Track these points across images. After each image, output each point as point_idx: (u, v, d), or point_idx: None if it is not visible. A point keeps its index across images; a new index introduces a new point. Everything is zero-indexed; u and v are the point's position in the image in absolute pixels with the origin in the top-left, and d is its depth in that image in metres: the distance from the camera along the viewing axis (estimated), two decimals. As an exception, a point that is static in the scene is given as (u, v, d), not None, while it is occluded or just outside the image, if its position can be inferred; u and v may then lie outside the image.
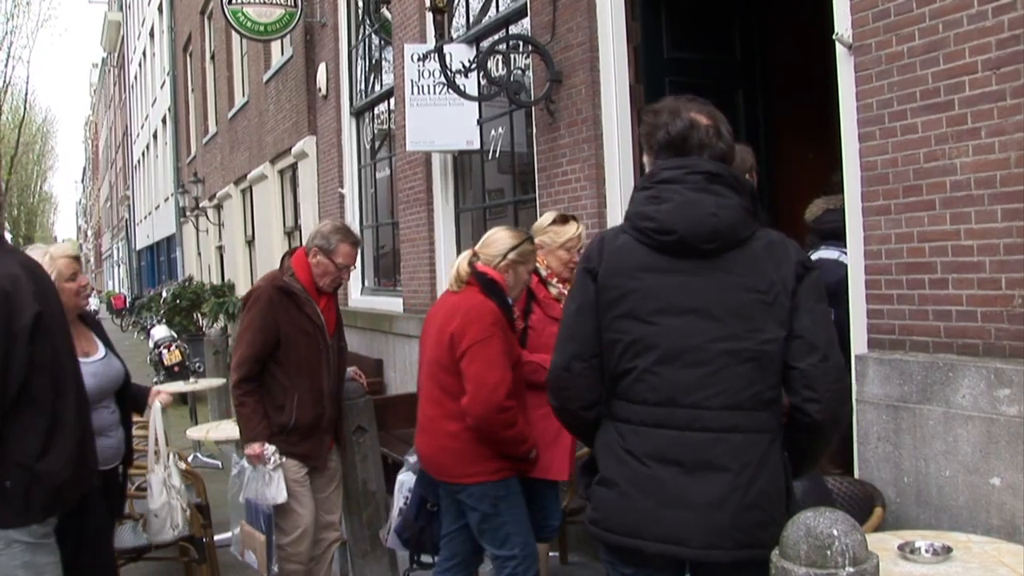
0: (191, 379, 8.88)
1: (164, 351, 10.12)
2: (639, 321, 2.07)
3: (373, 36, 8.98)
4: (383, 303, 8.50)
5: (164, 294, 14.94)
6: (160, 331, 11.03)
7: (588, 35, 4.91)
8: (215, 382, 8.21)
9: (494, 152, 6.50)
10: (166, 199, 23.40)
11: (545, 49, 5.23)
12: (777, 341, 2.03)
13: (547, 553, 3.71)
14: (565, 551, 4.45)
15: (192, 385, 8.07)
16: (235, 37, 13.43)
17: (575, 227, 3.61)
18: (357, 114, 9.31)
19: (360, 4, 9.32)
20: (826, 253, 3.97)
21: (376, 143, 9.14)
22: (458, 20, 6.87)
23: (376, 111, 9.00)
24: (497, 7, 6.41)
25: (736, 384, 2.01)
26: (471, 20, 6.78)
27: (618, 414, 2.13)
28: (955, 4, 2.96)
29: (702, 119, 2.15)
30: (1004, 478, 2.81)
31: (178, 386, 8.25)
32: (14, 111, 42.87)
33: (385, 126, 8.79)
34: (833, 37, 3.40)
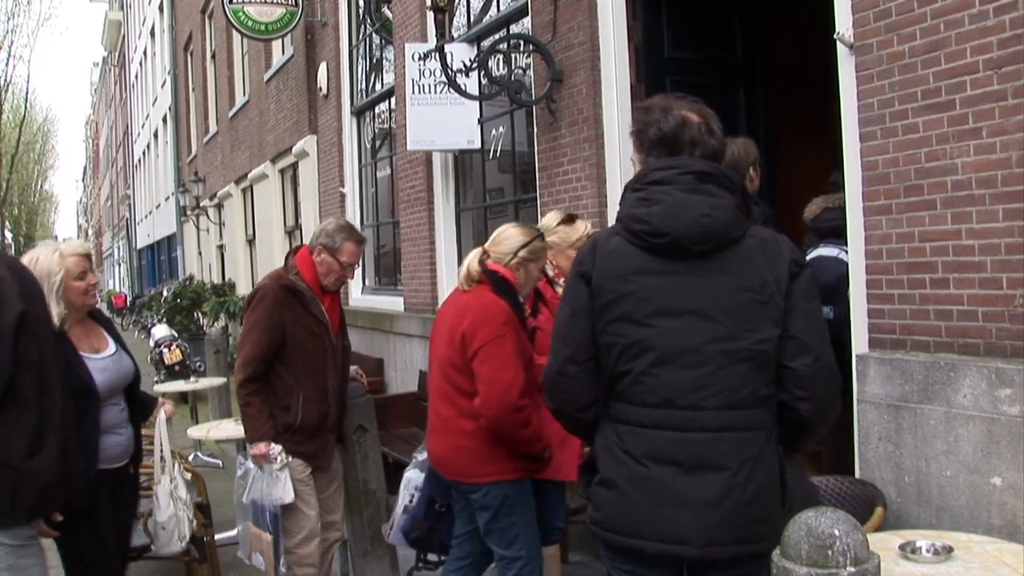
0: (192, 378, 8.89)
1: (165, 350, 10.13)
2: (635, 324, 2.06)
3: (374, 35, 8.98)
4: (384, 302, 8.49)
5: (165, 293, 14.97)
6: (161, 330, 11.04)
7: (589, 34, 4.91)
8: (216, 381, 8.21)
9: (495, 151, 6.50)
10: (167, 198, 23.41)
11: (546, 48, 5.23)
12: (772, 340, 2.03)
13: (557, 556, 3.63)
14: (566, 550, 4.45)
15: (193, 384, 8.08)
16: (236, 36, 13.42)
17: (583, 226, 3.59)
18: (358, 113, 9.30)
19: (361, 3, 9.31)
20: (825, 250, 3.96)
21: (377, 142, 9.13)
22: (459, 19, 6.86)
23: (377, 110, 8.99)
24: (498, 6, 6.40)
25: (733, 384, 2.02)
26: (472, 19, 6.78)
27: (616, 415, 2.13)
28: (956, 4, 2.95)
29: (693, 116, 2.14)
30: (1005, 478, 2.81)
31: (179, 385, 8.26)
32: (15, 110, 42.90)
33: (386, 125, 8.78)
34: (834, 36, 3.40)
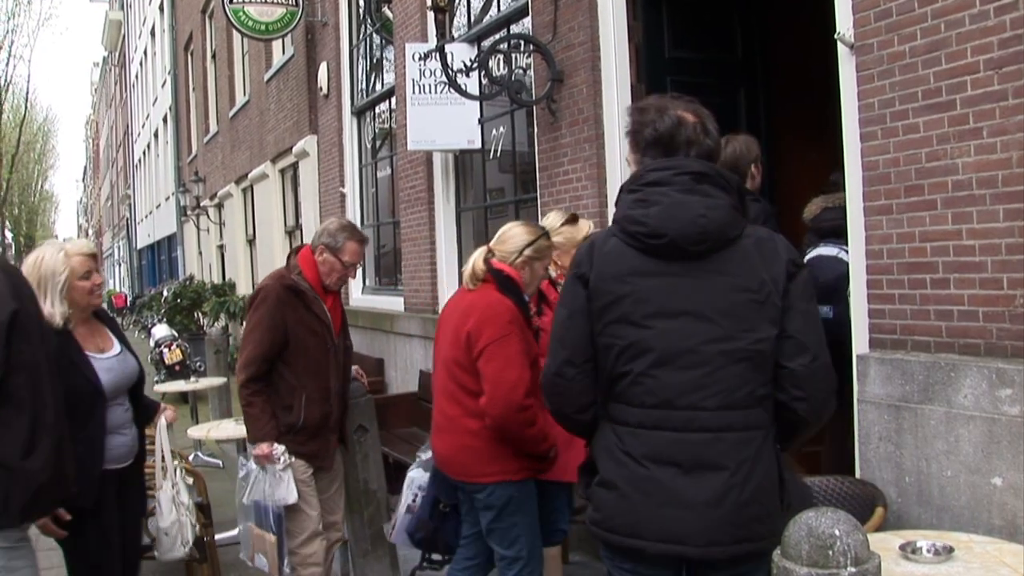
0: (192, 378, 8.89)
1: (165, 350, 10.14)
2: (633, 325, 2.07)
3: (374, 35, 8.98)
4: (384, 302, 8.49)
5: (165, 293, 14.98)
6: (161, 330, 11.05)
7: (589, 34, 4.91)
8: (216, 381, 8.22)
9: (495, 151, 6.50)
10: (167, 198, 23.41)
11: (546, 48, 5.23)
12: (769, 340, 2.04)
13: (559, 557, 3.60)
14: (566, 551, 4.44)
15: (193, 384, 8.09)
16: (236, 36, 13.42)
17: (587, 225, 3.58)
18: (358, 113, 9.30)
19: (361, 3, 9.31)
20: (825, 250, 3.97)
21: (377, 142, 9.13)
22: (459, 19, 6.86)
23: (377, 110, 8.99)
24: (498, 6, 6.40)
25: (732, 384, 2.02)
26: (472, 19, 6.78)
27: (615, 416, 2.13)
28: (957, 4, 2.95)
29: (689, 116, 2.14)
30: (1006, 478, 2.81)
31: (179, 385, 8.26)
32: (15, 110, 42.91)
33: (386, 125, 8.78)
34: (835, 36, 3.40)
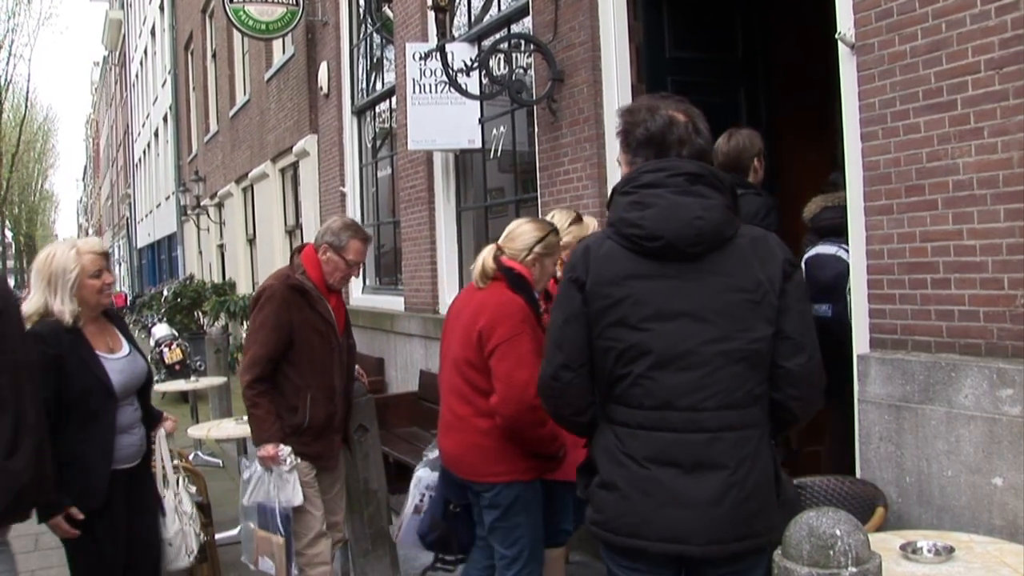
0: (192, 377, 8.89)
1: (165, 349, 10.14)
2: (631, 328, 2.07)
3: (375, 35, 8.98)
4: (384, 302, 8.49)
5: (165, 292, 14.98)
6: (161, 329, 11.05)
7: (590, 34, 4.91)
8: (216, 380, 8.22)
9: (496, 151, 6.50)
10: (167, 197, 23.41)
11: (547, 48, 5.23)
12: (766, 339, 2.06)
13: (562, 559, 3.59)
14: (567, 551, 4.44)
15: (193, 383, 8.08)
16: (236, 35, 13.42)
17: (592, 224, 3.58)
18: (358, 113, 9.30)
19: (362, 3, 9.31)
20: (824, 248, 3.97)
21: (377, 142, 9.13)
22: (460, 19, 6.86)
23: (377, 110, 8.99)
24: (499, 6, 6.40)
25: (730, 384, 2.04)
26: (473, 19, 6.78)
27: (615, 418, 2.14)
28: (958, 3, 2.95)
29: (680, 116, 2.15)
30: (1006, 478, 2.81)
31: (179, 384, 8.26)
32: (15, 109, 42.95)
33: (386, 125, 8.78)
34: (836, 36, 3.40)
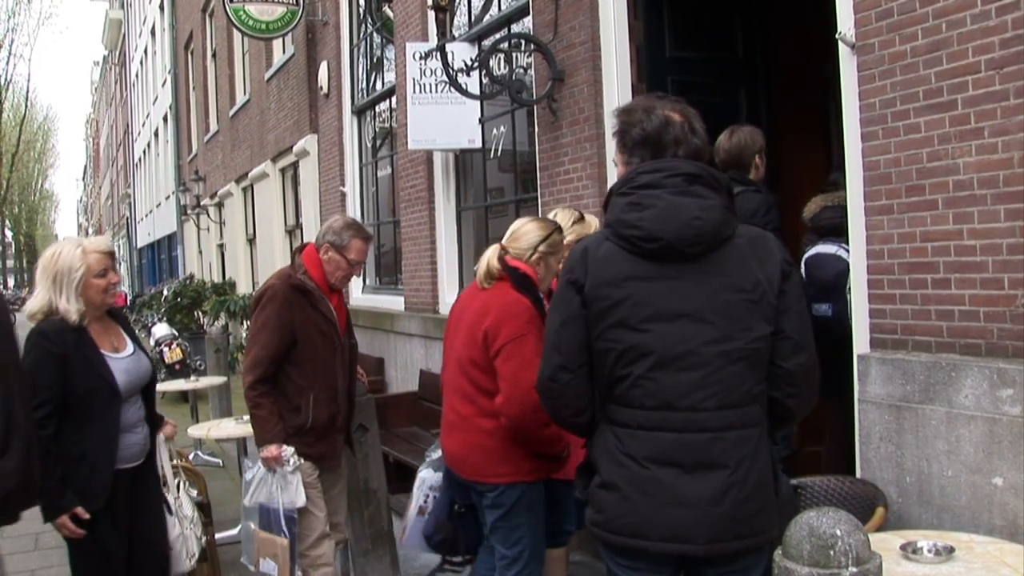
0: (192, 377, 8.89)
1: (165, 349, 10.13)
2: (631, 329, 2.08)
3: (375, 34, 8.98)
4: (384, 302, 8.49)
5: (165, 292, 14.97)
6: (161, 329, 11.03)
7: (590, 34, 4.91)
8: (216, 380, 8.22)
9: (496, 151, 6.50)
10: (167, 197, 23.41)
11: (547, 48, 5.23)
12: (765, 339, 2.07)
13: (563, 559, 3.57)
14: (568, 551, 4.44)
15: (193, 383, 8.08)
16: (236, 35, 13.42)
17: (594, 222, 3.56)
18: (358, 112, 9.30)
19: (362, 2, 9.31)
20: (824, 247, 3.98)
21: (377, 141, 9.13)
22: (460, 19, 6.85)
23: (377, 109, 8.99)
24: (499, 6, 6.40)
25: (730, 384, 2.05)
26: (473, 18, 6.78)
27: (615, 418, 2.14)
28: (958, 3, 2.95)
29: (676, 116, 2.16)
30: (1006, 478, 2.81)
31: (179, 384, 8.27)
32: (15, 109, 42.99)
33: (386, 124, 8.78)
34: (836, 36, 3.40)
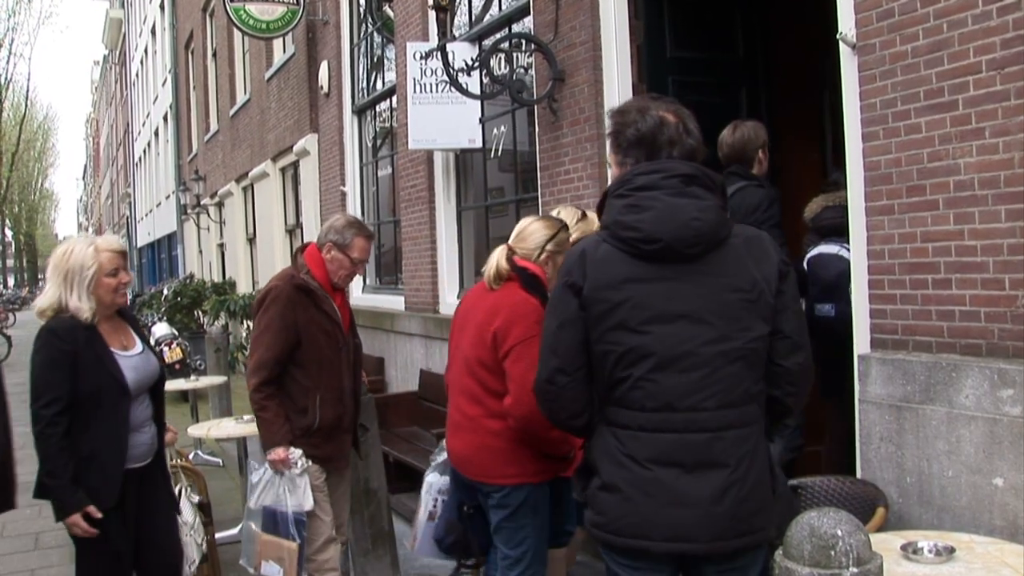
0: (192, 376, 8.88)
1: (165, 349, 10.11)
2: (631, 331, 2.08)
3: (375, 34, 8.98)
4: (384, 301, 8.49)
5: (165, 291, 14.95)
6: (161, 328, 11.02)
7: (591, 34, 4.91)
8: (216, 380, 8.22)
9: (496, 151, 6.50)
10: (167, 196, 23.40)
11: (548, 48, 5.23)
12: (763, 338, 2.09)
13: (564, 559, 3.55)
14: (572, 552, 4.43)
15: (193, 383, 8.08)
16: (237, 34, 13.42)
17: (596, 220, 3.56)
18: (359, 112, 9.30)
19: (362, 2, 9.31)
20: (826, 248, 3.99)
21: (378, 141, 9.13)
22: (460, 18, 6.85)
23: (378, 109, 8.99)
24: (500, 5, 6.40)
25: (729, 383, 2.06)
26: (473, 18, 6.78)
27: (615, 420, 2.14)
28: (959, 4, 2.95)
29: (670, 117, 2.17)
30: (1007, 479, 2.81)
31: (179, 383, 8.26)
32: (15, 108, 42.98)
33: (387, 124, 8.78)
34: (837, 36, 3.39)
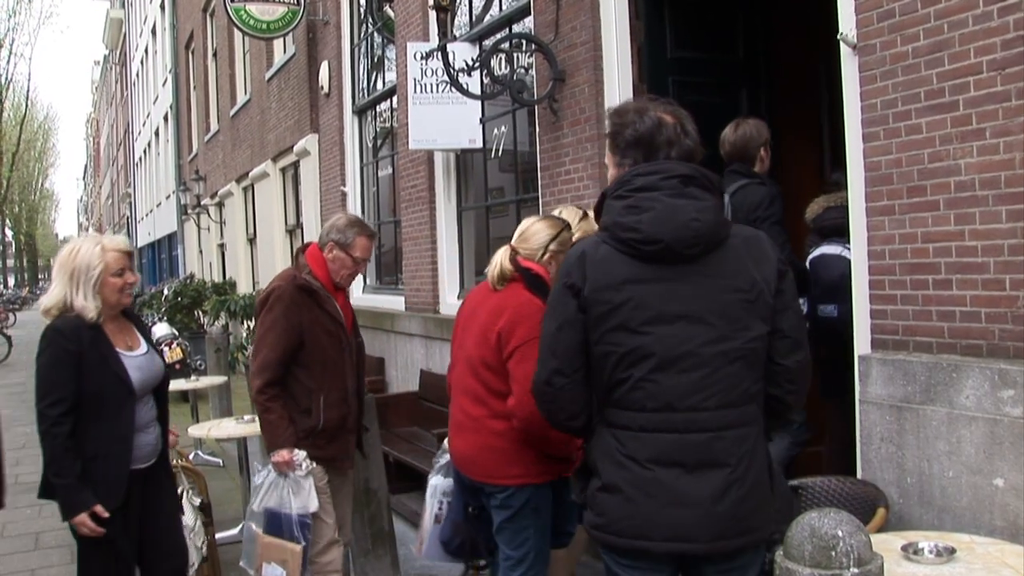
0: (192, 377, 8.89)
1: (165, 349, 10.10)
2: (631, 332, 2.08)
3: (375, 34, 8.98)
4: (385, 301, 8.49)
5: (165, 292, 14.94)
6: (161, 328, 11.01)
7: (591, 34, 4.91)
8: (216, 380, 8.23)
9: (496, 151, 6.50)
10: (167, 196, 23.41)
11: (548, 48, 5.23)
12: (762, 338, 2.10)
13: (565, 559, 3.54)
14: (577, 552, 4.42)
15: (193, 383, 8.08)
16: (237, 35, 13.42)
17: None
18: (359, 112, 9.30)
19: (363, 2, 9.31)
20: (828, 248, 3.99)
21: (378, 141, 9.13)
22: (461, 18, 6.85)
23: (378, 109, 8.99)
24: (500, 6, 6.40)
25: (729, 383, 2.07)
26: (474, 19, 6.78)
27: (615, 421, 2.14)
28: (960, 4, 2.95)
29: (668, 118, 2.18)
30: (1008, 479, 2.81)
31: (179, 383, 8.26)
32: (16, 108, 42.98)
33: (387, 124, 8.78)
34: (837, 37, 3.39)
